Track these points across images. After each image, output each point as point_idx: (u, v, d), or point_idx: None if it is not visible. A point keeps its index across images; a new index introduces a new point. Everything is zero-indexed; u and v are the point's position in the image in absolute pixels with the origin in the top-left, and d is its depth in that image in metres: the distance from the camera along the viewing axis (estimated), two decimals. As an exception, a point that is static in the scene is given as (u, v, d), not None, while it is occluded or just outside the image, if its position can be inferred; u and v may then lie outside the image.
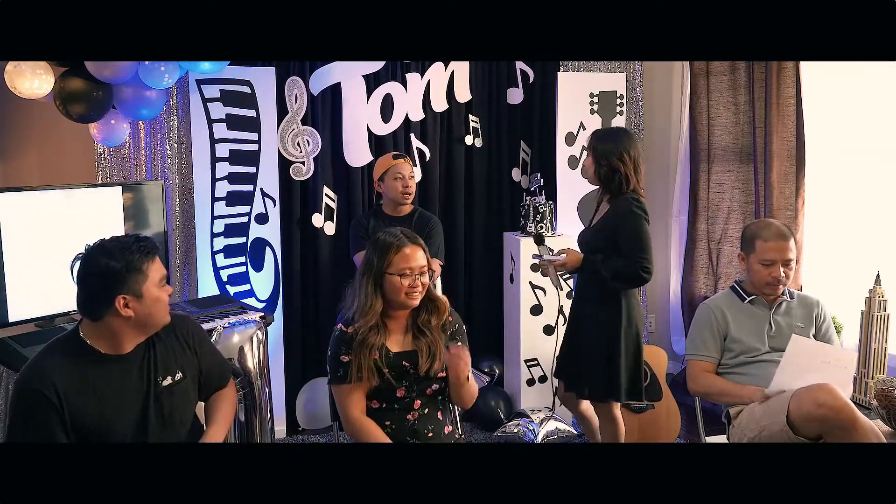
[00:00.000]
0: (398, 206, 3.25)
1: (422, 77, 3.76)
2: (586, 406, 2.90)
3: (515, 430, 3.57)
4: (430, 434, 2.14)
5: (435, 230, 3.27)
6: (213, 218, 3.38)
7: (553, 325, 3.71)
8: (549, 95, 4.00)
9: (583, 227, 2.94)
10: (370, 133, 3.68)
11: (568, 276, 3.12)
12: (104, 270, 1.67)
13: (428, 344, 2.13)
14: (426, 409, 2.14)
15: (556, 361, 2.92)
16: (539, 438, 3.51)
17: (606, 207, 2.67)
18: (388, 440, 2.06)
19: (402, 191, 3.19)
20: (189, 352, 1.89)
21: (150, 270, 1.71)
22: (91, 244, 1.74)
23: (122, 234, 1.83)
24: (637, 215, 2.56)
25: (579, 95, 3.91)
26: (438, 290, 3.43)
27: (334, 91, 3.61)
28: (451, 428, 2.20)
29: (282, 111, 3.52)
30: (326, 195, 3.67)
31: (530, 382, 3.73)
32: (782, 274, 2.37)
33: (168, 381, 1.81)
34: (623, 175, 2.59)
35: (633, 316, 2.65)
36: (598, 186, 2.73)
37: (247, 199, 3.44)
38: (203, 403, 2.03)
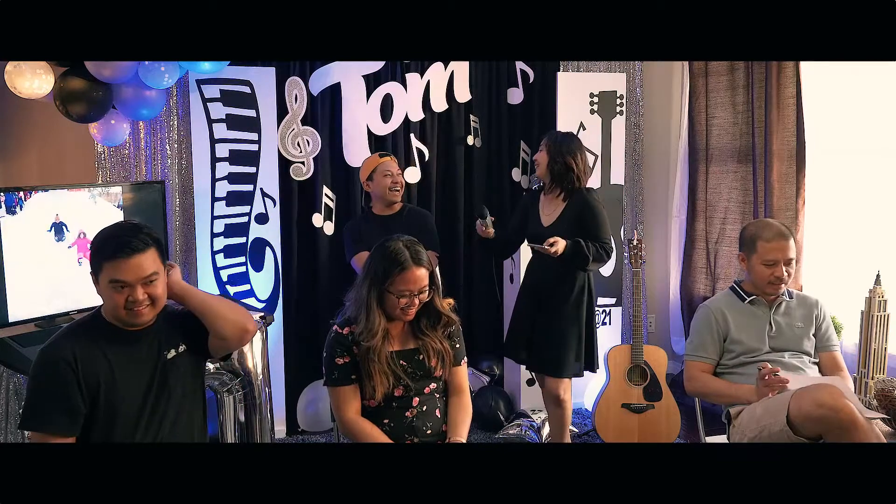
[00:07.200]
0: (388, 205, 3.24)
1: (421, 77, 3.75)
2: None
3: (514, 432, 3.56)
4: (429, 431, 2.14)
5: (428, 223, 3.29)
6: (213, 218, 3.37)
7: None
8: (549, 95, 3.99)
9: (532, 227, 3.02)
10: (370, 133, 3.68)
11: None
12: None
13: (431, 345, 2.15)
14: (424, 407, 2.15)
15: (516, 344, 3.07)
16: (543, 439, 3.50)
17: (562, 205, 2.91)
18: (386, 439, 2.07)
19: (390, 186, 3.18)
20: (180, 327, 1.94)
21: (107, 268, 1.76)
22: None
23: (136, 222, 1.89)
24: (598, 205, 2.88)
25: (579, 95, 3.90)
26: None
27: (334, 91, 3.61)
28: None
29: (282, 111, 3.51)
30: (325, 195, 3.67)
31: (530, 382, 3.72)
32: (785, 273, 2.39)
33: (172, 353, 1.90)
34: (575, 174, 2.88)
35: (593, 290, 3.00)
36: (546, 181, 2.94)
37: (247, 199, 3.44)
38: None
